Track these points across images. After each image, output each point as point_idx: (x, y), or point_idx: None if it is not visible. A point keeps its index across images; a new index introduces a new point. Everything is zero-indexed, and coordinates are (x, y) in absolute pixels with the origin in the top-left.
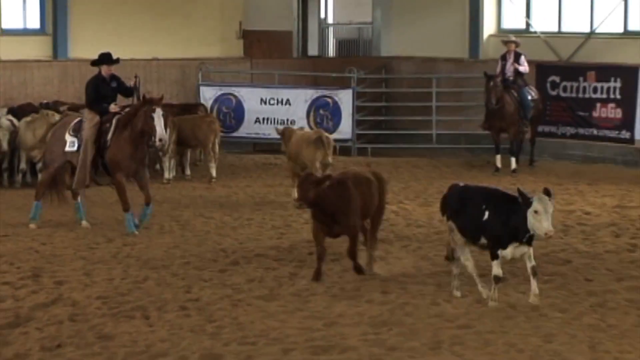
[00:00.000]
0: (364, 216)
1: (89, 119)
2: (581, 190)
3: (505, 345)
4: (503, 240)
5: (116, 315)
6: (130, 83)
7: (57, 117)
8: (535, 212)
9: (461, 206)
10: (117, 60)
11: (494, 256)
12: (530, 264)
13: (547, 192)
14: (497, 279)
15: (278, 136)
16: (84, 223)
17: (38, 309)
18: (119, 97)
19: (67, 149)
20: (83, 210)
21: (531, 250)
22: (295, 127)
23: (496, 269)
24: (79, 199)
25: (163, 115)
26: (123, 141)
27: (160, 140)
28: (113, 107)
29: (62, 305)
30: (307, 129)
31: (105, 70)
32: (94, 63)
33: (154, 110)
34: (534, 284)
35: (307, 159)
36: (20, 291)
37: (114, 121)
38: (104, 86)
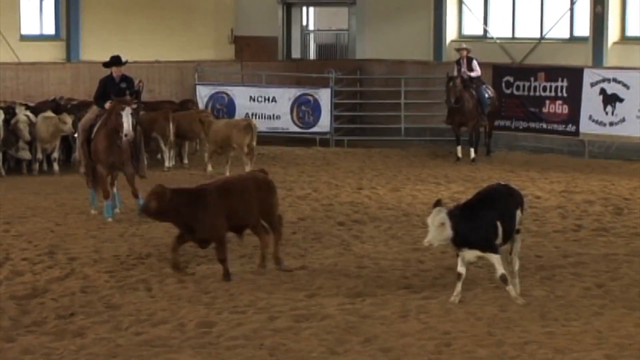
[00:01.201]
0: (238, 220)
1: (91, 111)
2: (532, 177)
3: (465, 313)
4: None
5: (122, 287)
6: (136, 86)
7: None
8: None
9: None
10: (126, 62)
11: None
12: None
13: (436, 203)
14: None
15: (264, 129)
16: (117, 210)
17: (53, 282)
18: None
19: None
20: (119, 199)
21: (489, 255)
22: (277, 122)
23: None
24: (114, 189)
25: (131, 113)
26: (101, 136)
27: (126, 135)
28: (107, 105)
29: (75, 278)
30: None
31: (115, 71)
32: (106, 65)
33: (123, 109)
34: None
35: (237, 143)
36: (37, 266)
37: (103, 117)
38: (112, 85)
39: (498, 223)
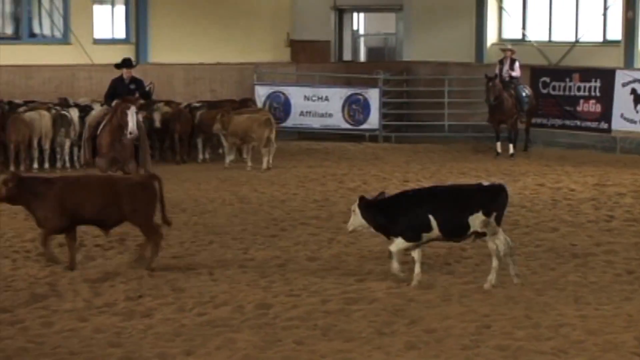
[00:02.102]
0: (83, 217)
1: (100, 109)
2: (567, 171)
3: (504, 297)
4: None
5: (187, 272)
6: (147, 87)
7: None
8: None
9: None
10: (136, 65)
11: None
12: None
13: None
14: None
15: (318, 126)
16: None
17: (123, 267)
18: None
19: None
20: None
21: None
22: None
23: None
24: None
25: (136, 112)
26: (106, 132)
27: (131, 133)
28: (114, 104)
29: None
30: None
31: (125, 72)
32: (117, 66)
33: (128, 108)
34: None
35: (257, 136)
36: (109, 252)
37: (109, 115)
38: (122, 86)
39: (430, 217)
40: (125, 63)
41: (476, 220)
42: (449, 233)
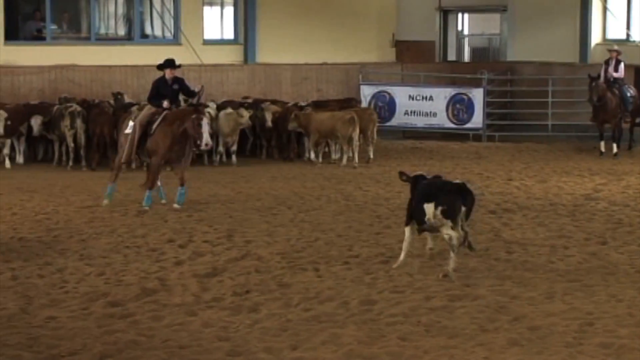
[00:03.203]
0: None
1: (147, 108)
2: None
3: (607, 295)
4: None
5: (293, 268)
6: (196, 88)
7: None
8: None
9: None
10: (179, 66)
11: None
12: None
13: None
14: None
15: (422, 125)
16: (163, 202)
17: (231, 262)
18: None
19: (127, 131)
20: (163, 192)
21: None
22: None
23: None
24: (158, 182)
25: (208, 123)
26: (165, 134)
27: (207, 145)
28: (166, 104)
29: (250, 259)
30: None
31: (168, 73)
32: (160, 67)
33: (202, 119)
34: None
35: (341, 134)
36: (217, 248)
37: (162, 115)
38: (165, 87)
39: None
40: (169, 64)
41: (429, 211)
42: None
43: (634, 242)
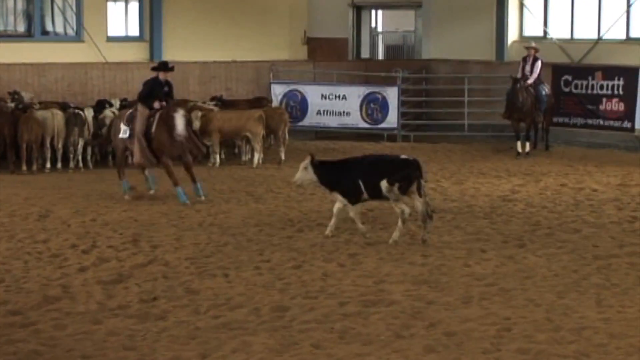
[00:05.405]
0: None
1: (141, 112)
2: (589, 171)
3: (525, 300)
4: None
5: (201, 273)
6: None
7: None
8: None
9: None
10: (172, 68)
11: None
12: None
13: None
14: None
15: (335, 125)
16: (152, 192)
17: (137, 268)
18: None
19: (121, 135)
20: (153, 182)
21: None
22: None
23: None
24: (146, 172)
25: (184, 115)
26: (163, 132)
27: (179, 135)
28: (157, 105)
29: (157, 265)
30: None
31: (162, 75)
32: (154, 69)
33: (176, 111)
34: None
35: (252, 132)
36: (122, 253)
37: (156, 116)
38: (158, 88)
39: (359, 181)
40: (163, 66)
41: (382, 186)
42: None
43: (552, 245)
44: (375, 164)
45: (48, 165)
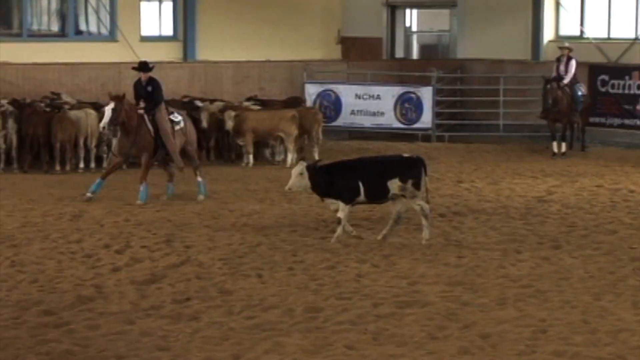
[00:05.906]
0: None
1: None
2: (626, 171)
3: (560, 302)
4: None
5: (235, 274)
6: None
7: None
8: None
9: None
10: (152, 68)
11: None
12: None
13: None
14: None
15: (369, 125)
16: (201, 197)
17: (170, 269)
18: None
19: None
20: (204, 187)
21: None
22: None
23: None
24: (198, 178)
25: (112, 109)
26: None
27: (103, 128)
28: (141, 104)
29: (190, 265)
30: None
31: (143, 76)
32: (135, 69)
33: (108, 104)
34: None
35: (285, 132)
36: (155, 253)
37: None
38: (140, 88)
39: (359, 183)
40: (141, 67)
41: (394, 185)
42: (375, 197)
43: (588, 246)
44: (378, 165)
45: (82, 165)
